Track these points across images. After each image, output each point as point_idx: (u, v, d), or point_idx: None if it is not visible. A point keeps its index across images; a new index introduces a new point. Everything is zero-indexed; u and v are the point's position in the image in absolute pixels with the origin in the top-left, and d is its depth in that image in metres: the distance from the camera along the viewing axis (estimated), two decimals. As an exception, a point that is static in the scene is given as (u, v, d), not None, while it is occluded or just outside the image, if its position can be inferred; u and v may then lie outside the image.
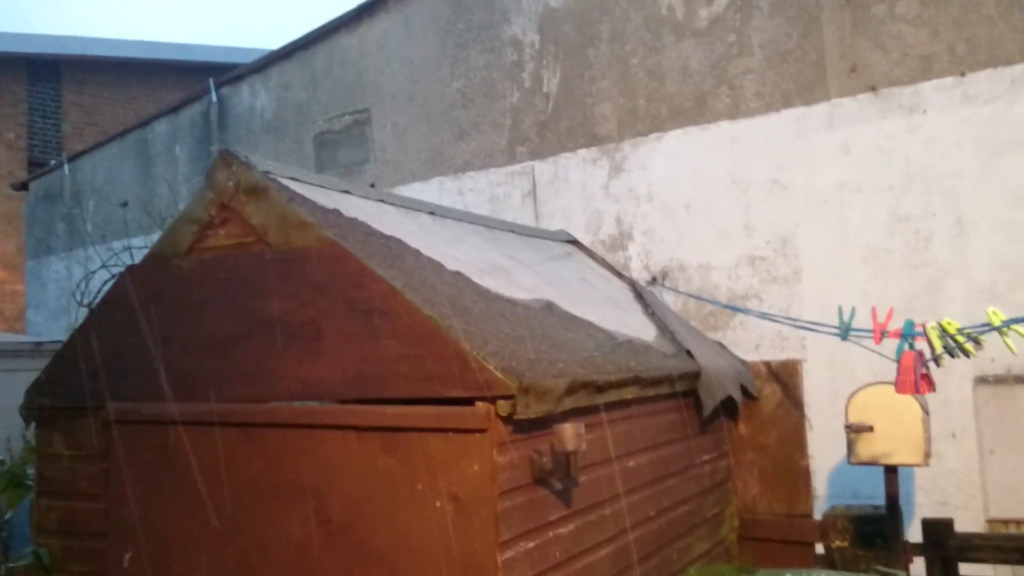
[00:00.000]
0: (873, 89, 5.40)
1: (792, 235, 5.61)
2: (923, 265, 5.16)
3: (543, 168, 6.84)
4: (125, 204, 9.00)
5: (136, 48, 15.08)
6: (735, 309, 5.59)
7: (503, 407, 2.62)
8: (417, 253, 3.33)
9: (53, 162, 11.52)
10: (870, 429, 3.76)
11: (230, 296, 3.19)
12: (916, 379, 3.38)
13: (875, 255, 5.30)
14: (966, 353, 3.44)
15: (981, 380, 4.90)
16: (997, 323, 3.37)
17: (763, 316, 4.91)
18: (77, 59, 14.68)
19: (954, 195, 5.08)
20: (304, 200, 3.22)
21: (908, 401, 3.69)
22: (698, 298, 5.82)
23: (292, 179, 3.38)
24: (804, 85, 5.66)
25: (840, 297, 5.20)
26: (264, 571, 2.93)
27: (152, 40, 15.52)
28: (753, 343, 5.63)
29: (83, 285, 8.40)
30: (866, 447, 3.77)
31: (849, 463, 3.92)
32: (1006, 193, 4.94)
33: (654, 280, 6.06)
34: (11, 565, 3.66)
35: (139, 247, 8.88)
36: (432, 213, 4.15)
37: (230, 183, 3.25)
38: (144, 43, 15.25)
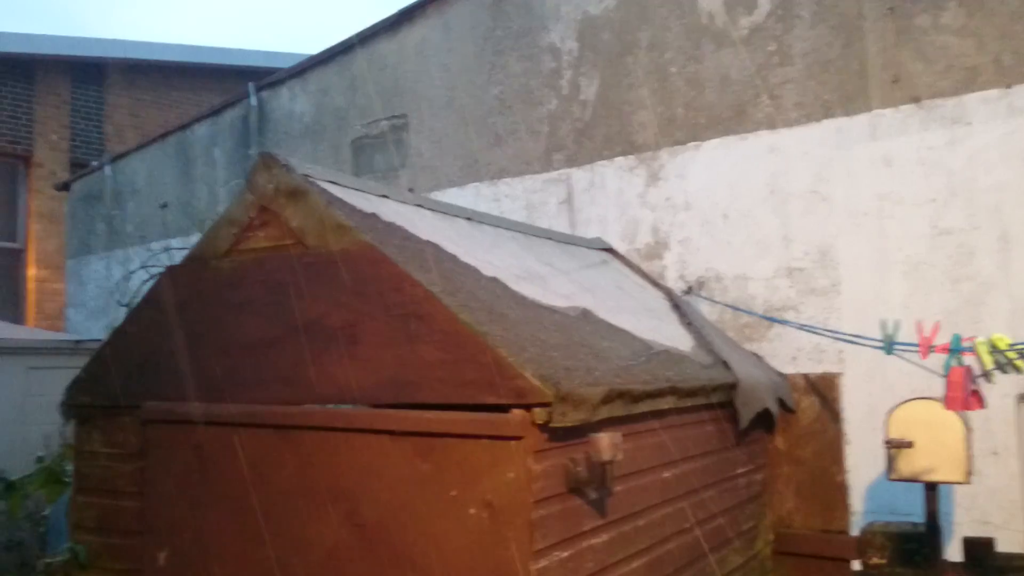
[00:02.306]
0: (916, 100, 5.32)
1: (831, 247, 5.54)
2: (965, 279, 5.07)
3: (579, 175, 6.82)
4: (165, 205, 9.12)
5: (178, 52, 15.26)
6: (772, 320, 5.54)
7: (539, 415, 2.60)
8: (454, 258, 3.33)
9: (95, 163, 11.69)
10: (910, 445, 3.70)
11: (268, 298, 3.20)
12: (966, 395, 3.32)
13: (916, 268, 5.22)
14: (1017, 369, 3.37)
15: (1023, 397, 4.80)
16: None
17: (801, 327, 4.85)
18: (120, 62, 14.89)
19: (998, 209, 4.99)
20: (343, 204, 3.23)
21: (950, 417, 3.62)
22: (735, 308, 5.76)
23: (331, 183, 3.40)
24: (845, 95, 5.60)
25: (880, 310, 5.13)
26: (298, 573, 2.93)
27: (194, 44, 15.70)
28: (790, 355, 5.56)
29: (122, 285, 8.52)
30: (906, 463, 3.71)
31: (888, 479, 3.86)
32: (1052, 207, 4.84)
33: (690, 290, 6.02)
34: (48, 560, 3.70)
35: (178, 248, 8.98)
36: (469, 219, 4.15)
37: (270, 185, 3.27)
38: (186, 47, 15.42)
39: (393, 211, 3.52)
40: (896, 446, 3.72)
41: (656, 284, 4.99)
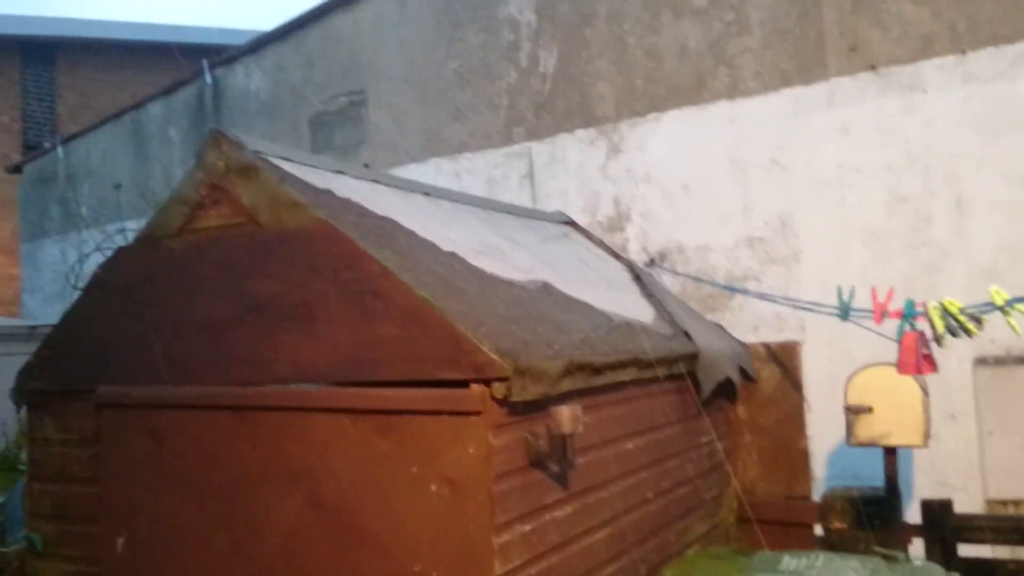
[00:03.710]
0: (873, 68, 5.34)
1: (791, 216, 5.57)
2: (923, 245, 5.12)
3: (540, 149, 6.78)
4: (119, 186, 8.95)
5: (131, 30, 14.96)
6: (733, 290, 5.56)
7: (498, 389, 2.58)
8: (411, 234, 3.29)
9: (47, 144, 11.45)
10: (869, 410, 3.73)
11: (221, 278, 3.14)
12: (918, 359, 3.35)
13: (875, 236, 5.26)
14: (968, 332, 3.40)
15: (981, 361, 4.87)
16: (1000, 302, 3.33)
17: (762, 297, 4.87)
18: (71, 41, 14.57)
19: (954, 175, 5.03)
20: (296, 180, 3.17)
21: (908, 382, 3.65)
22: (696, 279, 5.78)
23: (284, 159, 3.33)
24: (803, 64, 5.61)
25: (840, 278, 5.12)
26: (257, 555, 2.90)
27: (147, 22, 15.39)
28: (752, 325, 5.60)
29: (77, 268, 8.37)
30: (865, 428, 3.74)
31: (848, 444, 3.89)
32: (1007, 173, 4.89)
33: (652, 262, 6.02)
34: (4, 550, 3.63)
35: (133, 229, 8.81)
36: (427, 194, 4.10)
37: (221, 163, 3.20)
38: (139, 24, 15.12)
39: (348, 187, 3.46)
40: (855, 411, 3.75)
41: (617, 256, 4.98)
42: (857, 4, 5.41)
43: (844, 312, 3.72)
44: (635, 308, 4.07)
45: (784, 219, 5.60)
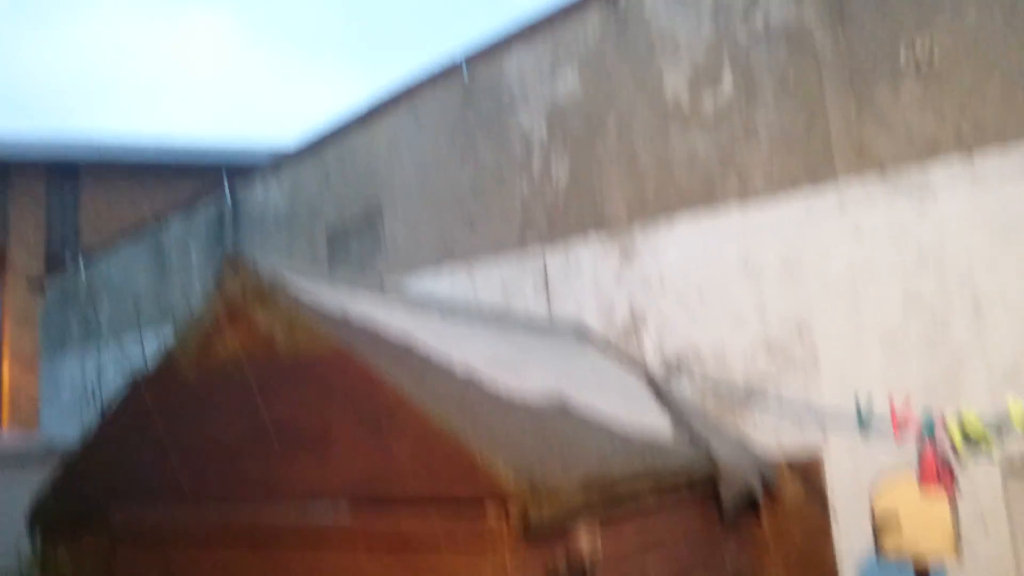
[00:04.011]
0: (881, 171, 5.39)
1: (807, 319, 5.55)
2: (942, 347, 5.07)
3: (554, 255, 6.84)
4: (137, 302, 9.06)
5: (153, 147, 15.38)
6: (752, 397, 5.50)
7: (515, 511, 2.54)
8: (426, 355, 3.30)
9: (69, 262, 11.65)
10: (896, 522, 3.64)
11: (238, 403, 3.15)
12: (939, 474, 3.28)
13: (892, 338, 5.22)
14: (988, 446, 3.35)
15: (1010, 470, 4.77)
16: (1018, 417, 3.28)
17: (782, 404, 4.82)
18: (96, 159, 14.99)
19: (969, 277, 5.02)
20: (312, 304, 3.21)
21: (934, 492, 3.57)
22: (715, 385, 5.73)
23: (301, 283, 3.37)
24: (812, 168, 5.67)
25: (859, 381, 5.12)
26: None
27: (169, 139, 15.84)
28: (772, 428, 5.52)
29: (94, 382, 8.41)
30: (893, 542, 3.64)
31: (876, 558, 3.79)
32: (1022, 275, 4.88)
33: (669, 367, 5.99)
34: None
35: (151, 343, 8.89)
36: (441, 310, 4.13)
37: (238, 289, 3.25)
38: (161, 142, 15.55)
39: (364, 308, 3.50)
40: (881, 524, 3.67)
41: (634, 365, 4.96)
42: (862, 109, 5.51)
43: (863, 423, 3.67)
44: (653, 420, 4.04)
45: (800, 322, 5.58)
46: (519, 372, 3.72)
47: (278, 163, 9.07)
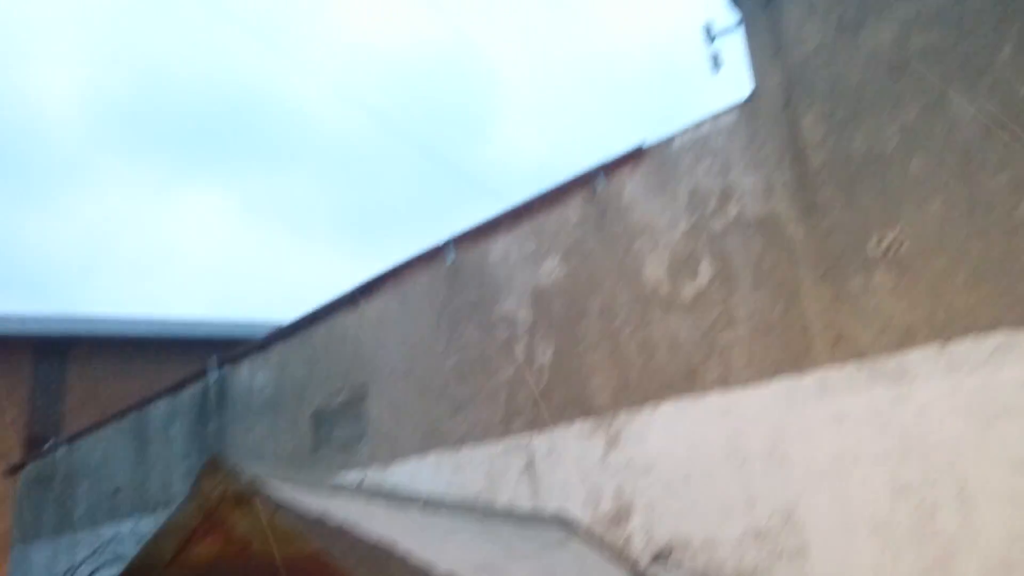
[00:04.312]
0: (860, 358, 5.47)
1: (795, 507, 5.49)
2: (932, 537, 5.00)
3: (539, 441, 6.81)
4: (117, 492, 8.88)
5: (143, 326, 15.51)
6: (744, 589, 5.36)
7: None
8: (405, 557, 3.23)
9: (49, 444, 11.50)
10: None
11: (210, 613, 3.06)
12: None
13: (881, 528, 5.15)
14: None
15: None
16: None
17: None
18: (84, 337, 15.07)
19: (954, 464, 5.01)
20: (290, 507, 3.17)
21: None
22: (704, 577, 5.60)
23: (279, 484, 3.35)
24: (792, 355, 5.75)
25: (850, 573, 5.02)
26: None
27: (158, 317, 16.01)
28: (766, 624, 5.35)
29: (68, 578, 8.13)
30: None
31: None
32: (1006, 461, 4.87)
33: (658, 557, 5.85)
34: None
35: (127, 534, 8.66)
36: (423, 507, 4.08)
37: (216, 492, 3.22)
38: (150, 320, 15.71)
39: (343, 508, 3.45)
40: None
41: (620, 559, 4.85)
42: (837, 297, 5.64)
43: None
44: (640, 621, 3.92)
45: (788, 510, 5.51)
46: (502, 573, 3.63)
47: (265, 343, 9.14)
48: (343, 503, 3.52)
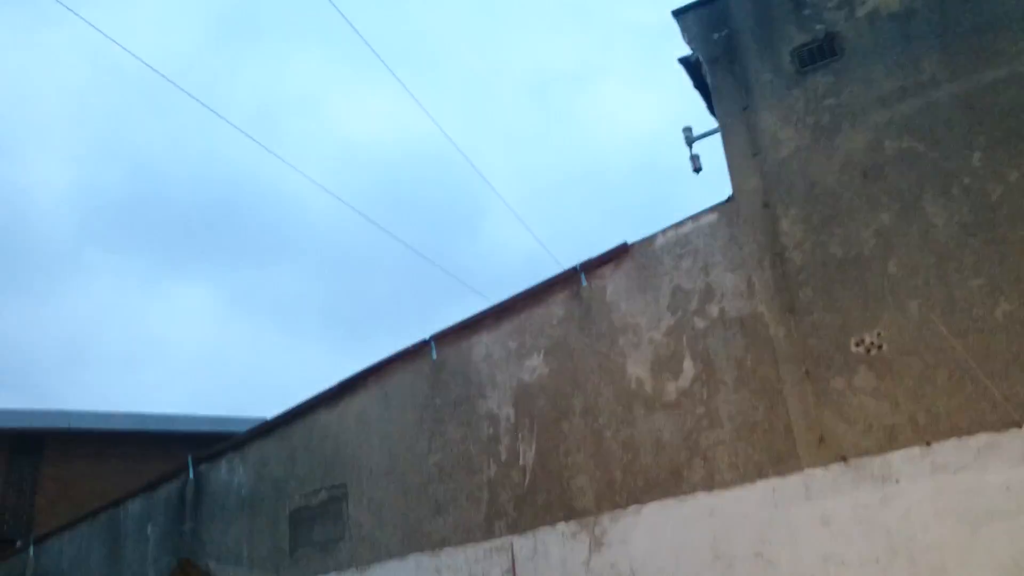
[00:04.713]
0: (844, 459, 5.44)
1: (783, 613, 5.37)
2: (923, 645, 4.89)
3: (522, 543, 6.68)
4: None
5: (120, 420, 15.29)
6: None
7: None
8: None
9: (19, 543, 11.18)
10: None
11: None
12: None
13: (872, 634, 5.04)
14: None
15: None
16: None
17: None
18: (60, 432, 14.82)
19: (942, 568, 4.94)
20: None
21: None
22: None
23: (254, 590, 3.25)
24: (776, 456, 5.71)
25: None
26: None
27: (135, 412, 15.79)
28: None
29: None
30: None
31: None
32: (994, 564, 4.81)
33: (643, 666, 5.69)
34: None
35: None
36: (402, 614, 3.97)
37: (188, 599, 3.12)
38: (128, 415, 15.48)
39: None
40: None
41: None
42: (820, 398, 5.64)
43: None
44: None
45: (776, 616, 5.38)
46: None
47: (243, 441, 9.01)
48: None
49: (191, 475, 9.20)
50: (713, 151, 6.82)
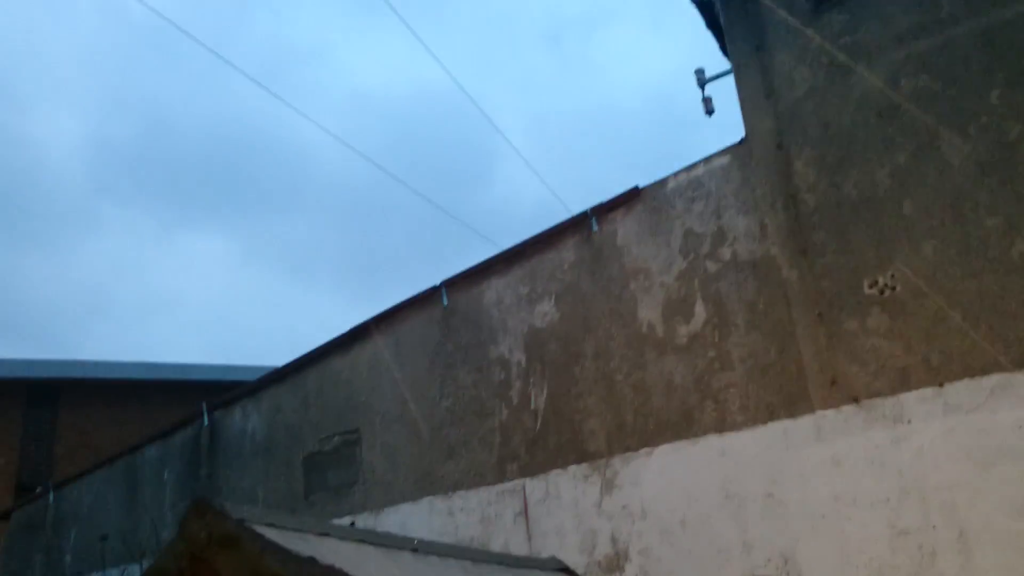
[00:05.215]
0: (856, 401, 5.44)
1: (793, 552, 5.41)
2: (932, 582, 4.92)
3: (534, 486, 6.73)
4: (104, 538, 8.75)
5: (135, 370, 15.42)
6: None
7: None
8: (396, 602, 3.17)
9: (39, 490, 11.36)
10: None
11: (195, 659, 2.99)
12: None
13: (881, 572, 5.07)
14: None
15: None
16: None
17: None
18: (76, 382, 14.96)
19: (953, 507, 4.95)
20: (278, 549, 3.11)
21: None
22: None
23: (268, 525, 3.29)
24: (787, 398, 5.71)
25: (851, 620, 4.95)
26: None
27: (150, 361, 15.92)
28: (765, 673, 5.25)
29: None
30: None
31: None
32: (1005, 504, 4.81)
33: (654, 604, 5.76)
34: None
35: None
36: (415, 550, 4.01)
37: (203, 534, 3.16)
38: (142, 364, 15.61)
39: (333, 551, 3.39)
40: None
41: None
42: (832, 340, 5.62)
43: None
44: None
45: (786, 556, 5.43)
46: (494, 618, 3.57)
47: (257, 387, 9.07)
48: (333, 546, 3.46)
49: (206, 422, 9.29)
50: (726, 96, 6.73)
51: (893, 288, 5.47)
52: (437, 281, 7.90)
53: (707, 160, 6.46)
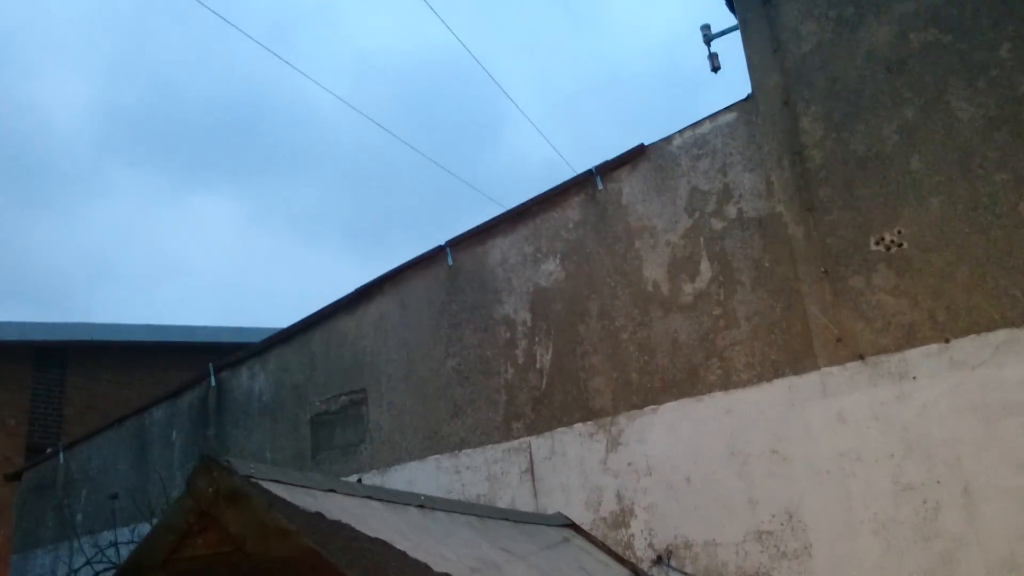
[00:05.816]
0: (861, 357, 5.44)
1: (797, 508, 5.44)
2: (935, 536, 4.96)
3: (540, 444, 6.76)
4: (114, 497, 8.82)
5: (142, 332, 15.46)
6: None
7: None
8: (403, 555, 3.20)
9: (49, 450, 11.45)
10: None
11: (205, 612, 3.02)
12: None
13: (885, 527, 5.11)
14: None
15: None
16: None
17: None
18: (84, 344, 15.01)
19: (957, 462, 4.98)
20: (285, 504, 3.13)
21: None
22: (706, 579, 5.55)
23: (275, 481, 3.31)
24: (793, 355, 5.71)
25: (854, 572, 4.99)
26: None
27: (157, 324, 15.97)
28: (769, 626, 5.31)
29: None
30: None
31: None
32: (1010, 459, 4.84)
33: (659, 559, 5.81)
34: None
35: (125, 542, 8.61)
36: (421, 506, 4.04)
37: (210, 489, 3.18)
38: (150, 327, 15.65)
39: (340, 507, 3.42)
40: None
41: (621, 560, 4.81)
42: (838, 297, 5.61)
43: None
44: (641, 621, 3.88)
45: (791, 511, 5.47)
46: (501, 572, 3.59)
47: (263, 348, 9.09)
48: (340, 501, 3.49)
49: (212, 382, 9.33)
50: (733, 53, 6.64)
51: (900, 244, 5.45)
52: (438, 240, 7.89)
53: (713, 117, 6.40)
